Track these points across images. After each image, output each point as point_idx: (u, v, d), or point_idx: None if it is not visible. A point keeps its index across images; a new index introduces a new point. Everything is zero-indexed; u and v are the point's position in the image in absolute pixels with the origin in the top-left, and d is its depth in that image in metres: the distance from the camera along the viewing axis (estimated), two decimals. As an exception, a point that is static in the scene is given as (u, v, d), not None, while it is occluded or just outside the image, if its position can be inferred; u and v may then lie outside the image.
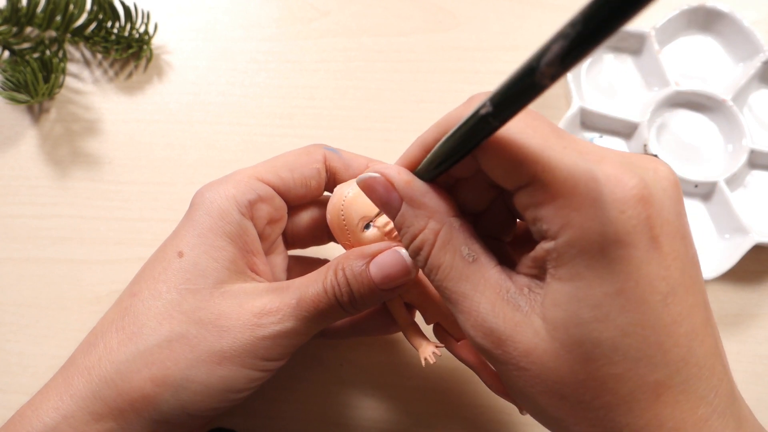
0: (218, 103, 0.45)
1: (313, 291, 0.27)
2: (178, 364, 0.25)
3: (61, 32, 0.45)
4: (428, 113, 0.44)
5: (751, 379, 0.37)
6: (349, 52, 0.46)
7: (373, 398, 0.36)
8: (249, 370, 0.26)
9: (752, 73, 0.42)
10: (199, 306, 0.26)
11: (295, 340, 0.27)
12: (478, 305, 0.21)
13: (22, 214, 0.42)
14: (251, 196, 0.28)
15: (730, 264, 0.37)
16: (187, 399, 0.26)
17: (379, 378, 0.36)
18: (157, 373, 0.25)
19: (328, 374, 0.37)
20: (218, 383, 0.26)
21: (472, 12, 0.47)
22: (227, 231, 0.27)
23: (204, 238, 0.27)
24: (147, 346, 0.26)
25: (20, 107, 0.45)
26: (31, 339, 0.38)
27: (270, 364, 0.27)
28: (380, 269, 0.26)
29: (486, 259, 0.22)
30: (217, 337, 0.26)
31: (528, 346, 0.20)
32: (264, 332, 0.26)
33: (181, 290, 0.27)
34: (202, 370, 0.26)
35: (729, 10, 0.43)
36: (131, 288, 0.28)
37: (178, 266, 0.27)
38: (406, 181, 0.23)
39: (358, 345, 0.37)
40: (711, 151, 0.42)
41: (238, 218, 0.28)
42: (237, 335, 0.26)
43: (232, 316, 0.26)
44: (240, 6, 0.48)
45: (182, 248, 0.27)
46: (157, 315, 0.26)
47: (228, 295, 0.27)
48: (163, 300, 0.27)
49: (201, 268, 0.27)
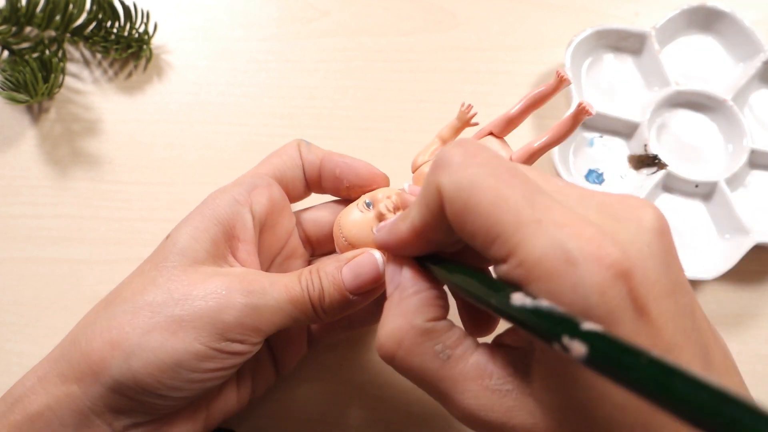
0: (218, 103, 0.45)
1: (288, 280, 0.27)
2: (136, 329, 0.26)
3: (61, 32, 0.45)
4: (428, 113, 0.44)
5: (752, 380, 0.37)
6: (349, 52, 0.46)
7: (373, 398, 0.36)
8: (203, 347, 0.26)
9: (752, 73, 0.42)
10: (170, 278, 0.27)
11: (257, 323, 0.27)
12: (462, 402, 0.21)
13: (22, 214, 0.42)
14: (248, 186, 0.30)
15: (731, 264, 0.37)
16: (138, 367, 0.25)
17: (379, 378, 0.36)
18: (115, 337, 0.26)
19: (328, 374, 0.36)
20: (170, 354, 0.25)
21: (472, 12, 0.47)
22: (215, 214, 0.28)
23: (191, 221, 0.28)
24: (114, 312, 0.27)
25: (20, 107, 0.45)
26: (31, 339, 0.38)
27: (227, 346, 0.26)
28: (352, 270, 0.27)
29: (463, 349, 0.21)
30: (179, 305, 0.26)
31: (525, 427, 0.20)
32: (227, 302, 0.26)
33: (159, 267, 0.27)
34: (155, 338, 0.25)
35: (729, 10, 0.43)
36: None
37: (162, 246, 0.28)
38: None
39: (358, 345, 0.37)
40: (711, 151, 0.42)
41: (229, 203, 0.29)
42: (200, 303, 0.26)
43: (198, 285, 0.26)
44: (240, 6, 0.48)
45: (172, 232, 0.29)
46: (133, 288, 0.27)
47: (201, 272, 0.27)
48: (144, 276, 0.28)
49: (181, 247, 0.28)
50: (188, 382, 0.26)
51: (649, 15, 0.47)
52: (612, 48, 0.45)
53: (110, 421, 0.27)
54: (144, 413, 0.27)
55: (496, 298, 0.19)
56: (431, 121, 0.43)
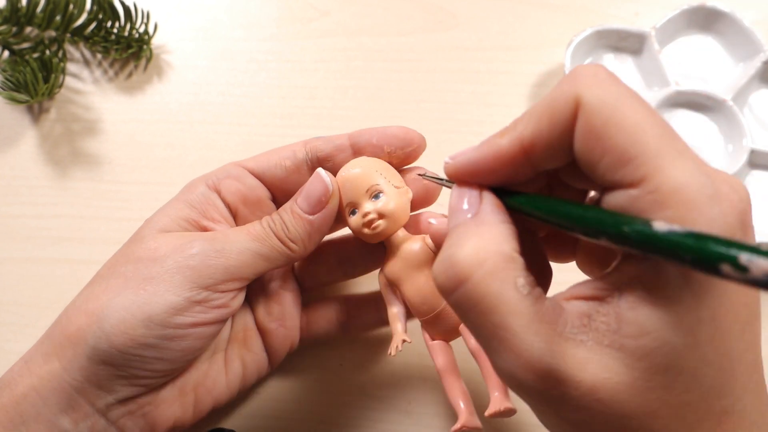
0: (218, 103, 0.45)
1: (249, 225, 0.29)
2: (109, 294, 0.27)
3: (61, 32, 0.45)
4: (428, 113, 0.44)
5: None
6: (349, 52, 0.46)
7: (373, 398, 0.36)
8: (173, 297, 0.27)
9: (752, 73, 0.42)
10: (140, 247, 0.28)
11: (225, 264, 0.28)
12: (531, 344, 0.18)
13: (22, 214, 0.42)
14: (221, 175, 0.31)
15: (731, 264, 0.37)
16: (110, 328, 0.26)
17: (379, 378, 0.36)
18: (90, 307, 0.27)
19: (328, 374, 0.36)
20: (141, 308, 0.26)
21: (472, 12, 0.47)
22: (188, 198, 0.30)
23: (166, 206, 0.31)
24: (91, 288, 0.28)
25: (20, 107, 0.45)
26: (31, 339, 0.38)
27: (196, 294, 0.27)
28: (303, 194, 0.29)
29: (539, 291, 0.20)
30: (149, 265, 0.27)
31: (595, 382, 0.18)
32: (191, 251, 0.27)
33: (132, 241, 0.29)
34: (127, 296, 0.27)
35: (729, 10, 0.43)
36: None
37: (138, 229, 0.30)
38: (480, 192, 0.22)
39: (358, 345, 0.37)
40: (711, 151, 0.42)
41: (201, 189, 0.31)
42: (167, 262, 0.27)
43: (166, 246, 0.28)
44: (240, 6, 0.48)
45: (150, 216, 0.31)
46: (109, 264, 0.29)
47: (170, 236, 0.29)
48: (120, 254, 0.29)
49: (152, 223, 0.30)
50: (165, 340, 0.27)
51: (649, 15, 0.47)
52: (612, 48, 0.45)
53: (93, 400, 0.27)
54: (126, 385, 0.27)
55: (630, 226, 0.17)
56: (431, 121, 0.43)
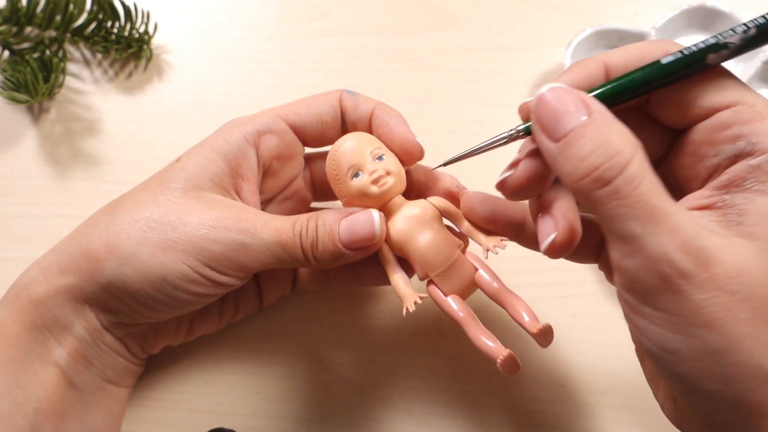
0: (218, 103, 0.45)
1: (281, 224, 0.28)
2: (131, 239, 0.27)
3: (61, 32, 0.45)
4: (428, 113, 0.44)
5: None
6: (349, 52, 0.46)
7: (373, 398, 0.36)
8: (188, 268, 0.27)
9: (752, 73, 0.42)
10: (170, 199, 0.28)
11: (243, 259, 0.28)
12: (684, 224, 0.20)
13: (22, 214, 0.42)
14: (260, 127, 0.30)
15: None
16: (128, 274, 0.27)
17: (379, 378, 0.36)
18: (111, 240, 0.28)
19: (328, 374, 0.37)
20: (158, 268, 0.27)
21: (472, 12, 0.48)
22: (224, 149, 0.30)
23: (202, 150, 0.30)
24: (113, 218, 0.29)
25: (20, 107, 0.45)
26: (31, 339, 0.38)
27: (211, 274, 0.28)
28: (349, 225, 0.28)
29: None
30: (173, 228, 0.28)
31: (739, 264, 0.19)
32: (217, 235, 0.27)
33: (163, 185, 0.29)
34: (147, 251, 0.27)
35: (729, 10, 0.43)
36: None
37: (170, 168, 0.30)
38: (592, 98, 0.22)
39: (358, 345, 0.37)
40: (711, 151, 0.42)
41: (239, 141, 0.30)
42: (191, 231, 0.27)
43: (195, 213, 0.28)
44: (240, 6, 0.48)
45: (182, 156, 0.30)
46: (135, 199, 0.29)
47: (201, 199, 0.29)
48: (147, 192, 0.29)
49: (187, 172, 0.29)
50: (172, 299, 0.28)
51: (649, 15, 0.47)
52: (612, 48, 0.45)
53: (101, 317, 0.29)
54: (130, 317, 0.29)
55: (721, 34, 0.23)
56: (431, 121, 0.43)
